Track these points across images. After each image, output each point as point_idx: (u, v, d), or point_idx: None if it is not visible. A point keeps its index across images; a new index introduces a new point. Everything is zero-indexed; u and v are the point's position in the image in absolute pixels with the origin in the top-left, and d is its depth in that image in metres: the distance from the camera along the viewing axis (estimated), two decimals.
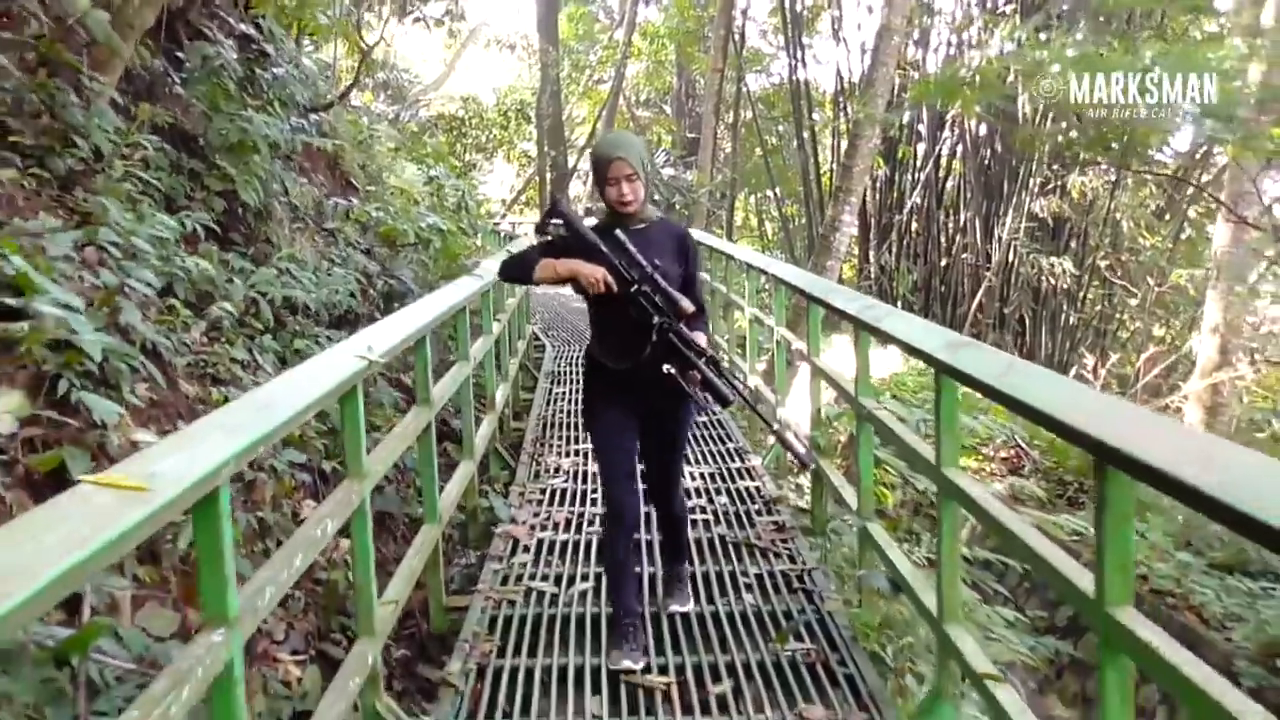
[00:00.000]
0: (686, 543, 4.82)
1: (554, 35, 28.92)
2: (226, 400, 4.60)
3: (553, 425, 8.31)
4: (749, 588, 4.87)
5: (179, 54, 7.18)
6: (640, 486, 4.42)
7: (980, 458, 10.73)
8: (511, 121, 29.92)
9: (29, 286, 3.61)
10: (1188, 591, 7.16)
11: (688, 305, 3.79)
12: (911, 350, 3.85)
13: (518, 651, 4.26)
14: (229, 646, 2.05)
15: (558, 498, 6.31)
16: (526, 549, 5.39)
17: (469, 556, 5.72)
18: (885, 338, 4.21)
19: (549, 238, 4.06)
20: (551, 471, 6.87)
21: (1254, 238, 13.49)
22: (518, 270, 4.12)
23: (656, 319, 3.81)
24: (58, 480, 3.28)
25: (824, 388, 5.97)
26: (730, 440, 7.83)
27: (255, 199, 6.72)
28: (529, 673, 4.06)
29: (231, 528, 2.03)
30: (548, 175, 28.50)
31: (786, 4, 24.31)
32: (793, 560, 5.19)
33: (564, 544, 5.49)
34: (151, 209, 5.43)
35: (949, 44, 22.97)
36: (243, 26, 8.13)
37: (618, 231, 3.88)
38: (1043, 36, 18.02)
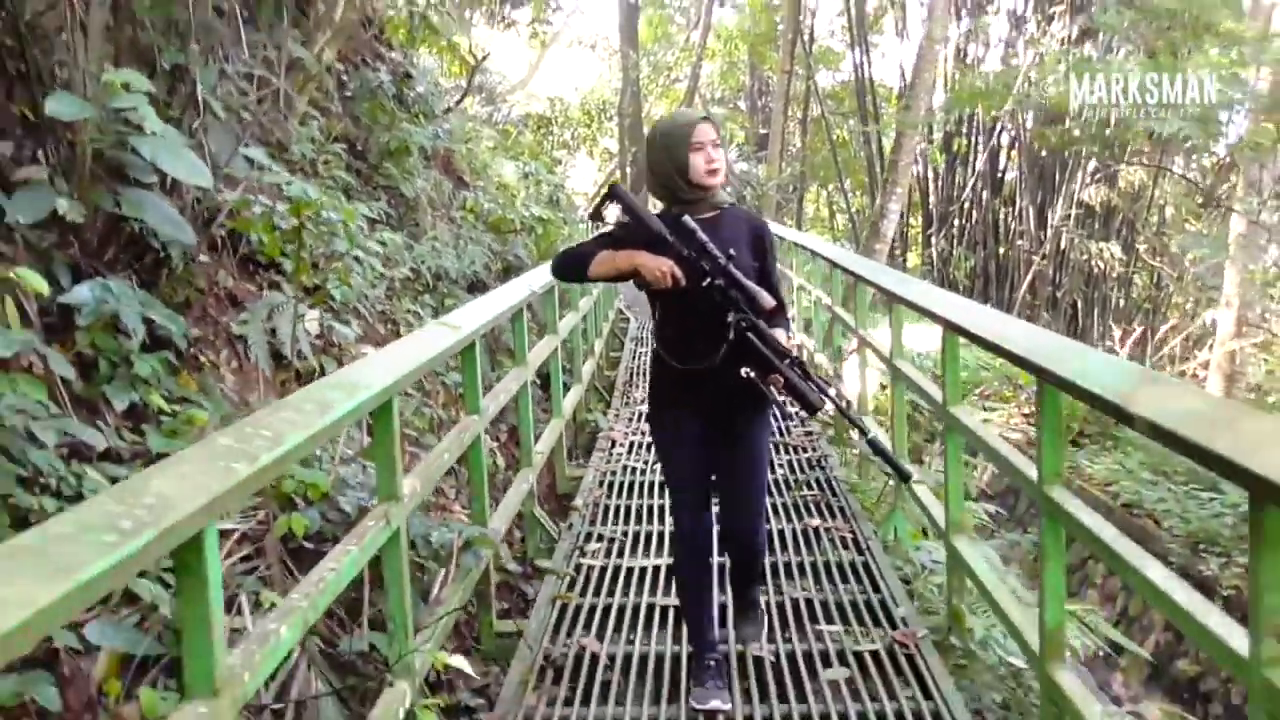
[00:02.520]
0: (760, 573, 4.11)
1: (634, 39, 30.91)
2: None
3: (637, 372, 10.34)
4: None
5: (344, 77, 9.22)
6: (714, 506, 3.83)
7: (1006, 411, 12.51)
8: (594, 120, 31.96)
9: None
10: (1149, 504, 8.92)
11: (768, 300, 3.33)
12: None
13: (617, 495, 6.26)
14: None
15: (642, 416, 8.34)
16: (621, 446, 7.38)
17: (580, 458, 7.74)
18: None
19: (605, 229, 3.67)
20: (637, 400, 8.90)
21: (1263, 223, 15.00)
22: (571, 266, 3.61)
23: (732, 316, 3.35)
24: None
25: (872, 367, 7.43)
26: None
27: (411, 192, 8.75)
28: (625, 508, 6.04)
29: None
30: (628, 170, 30.45)
31: (852, 5, 26.01)
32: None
33: (647, 443, 7.49)
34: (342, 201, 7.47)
35: (1006, 42, 24.56)
36: (392, 54, 10.18)
37: (686, 218, 3.40)
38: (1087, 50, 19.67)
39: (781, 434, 7.51)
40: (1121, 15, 14.04)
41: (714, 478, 3.74)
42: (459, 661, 3.40)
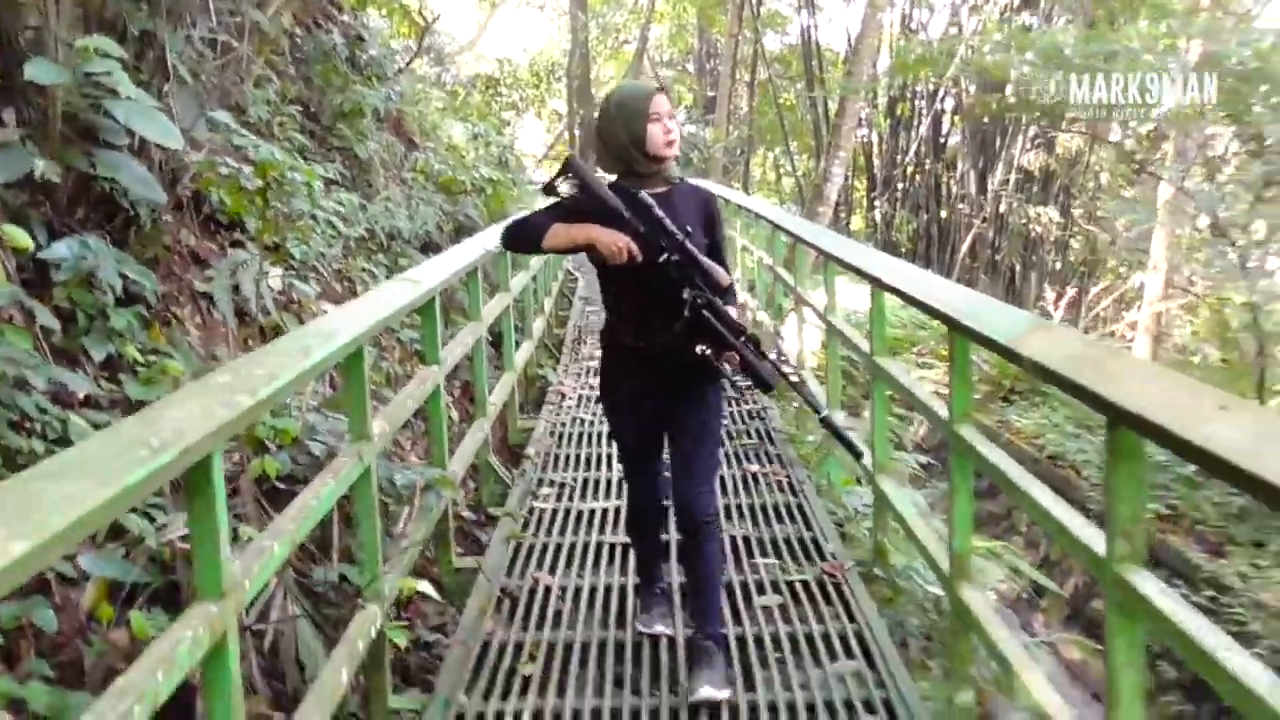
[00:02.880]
0: (719, 590, 3.80)
1: (583, 1, 30.93)
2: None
3: (587, 330, 10.64)
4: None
5: (297, 40, 9.36)
6: (664, 476, 3.81)
7: (940, 369, 12.92)
8: (543, 81, 32.02)
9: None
10: (1071, 456, 9.37)
11: (724, 277, 3.34)
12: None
13: (567, 445, 6.59)
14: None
15: (590, 371, 8.66)
16: (570, 399, 7.68)
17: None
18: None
19: (558, 199, 3.51)
20: (586, 356, 9.20)
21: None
22: (523, 237, 3.56)
23: (688, 293, 3.33)
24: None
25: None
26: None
27: (364, 153, 8.94)
28: (575, 456, 6.35)
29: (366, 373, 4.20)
30: (577, 133, 30.57)
31: None
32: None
33: (596, 397, 7.78)
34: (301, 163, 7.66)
35: (950, 8, 24.97)
36: (343, 16, 10.31)
37: (643, 193, 3.34)
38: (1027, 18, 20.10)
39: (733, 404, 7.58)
40: None
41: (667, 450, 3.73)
42: (425, 586, 3.70)
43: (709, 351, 3.35)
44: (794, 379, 3.64)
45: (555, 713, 3.40)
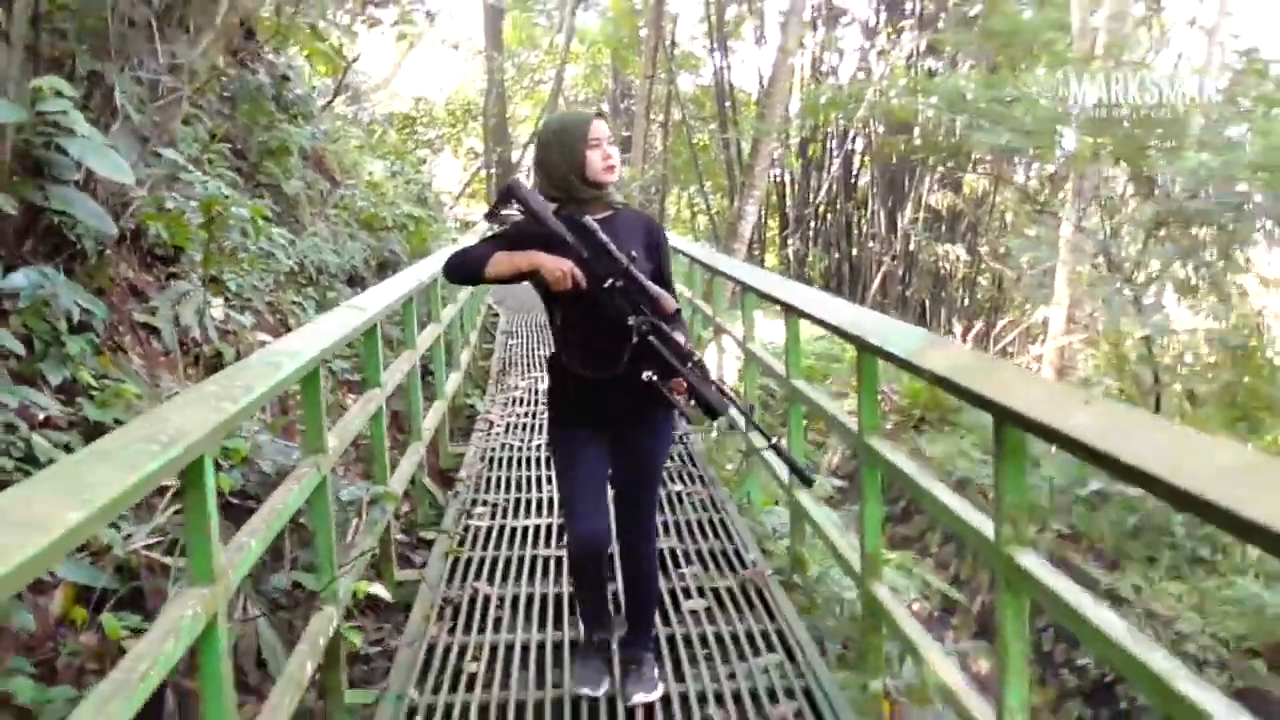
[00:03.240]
0: (654, 603, 3.93)
1: (499, 41, 31.33)
2: (289, 329, 7.06)
3: (510, 362, 10.90)
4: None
5: (224, 79, 9.55)
6: (608, 516, 3.68)
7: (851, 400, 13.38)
8: (459, 120, 32.30)
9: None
10: (979, 480, 9.80)
11: (670, 303, 3.30)
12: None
13: (498, 469, 6.82)
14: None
15: (517, 400, 8.94)
16: (498, 426, 7.93)
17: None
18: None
19: (499, 228, 3.51)
20: (511, 387, 9.47)
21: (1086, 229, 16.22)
22: (466, 267, 3.47)
23: (634, 319, 3.29)
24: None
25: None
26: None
27: (291, 190, 9.14)
28: (506, 479, 6.60)
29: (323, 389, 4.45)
30: (494, 170, 30.85)
31: (713, 12, 26.94)
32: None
33: (523, 424, 8.04)
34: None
35: (860, 52, 25.80)
36: (269, 56, 10.51)
37: (587, 218, 3.35)
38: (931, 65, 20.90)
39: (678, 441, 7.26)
40: (959, 34, 15.05)
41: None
42: (378, 589, 3.94)
43: (656, 378, 3.30)
44: (743, 406, 3.51)
45: (500, 704, 3.66)
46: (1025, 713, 2.52)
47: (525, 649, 4.11)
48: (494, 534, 5.51)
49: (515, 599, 4.61)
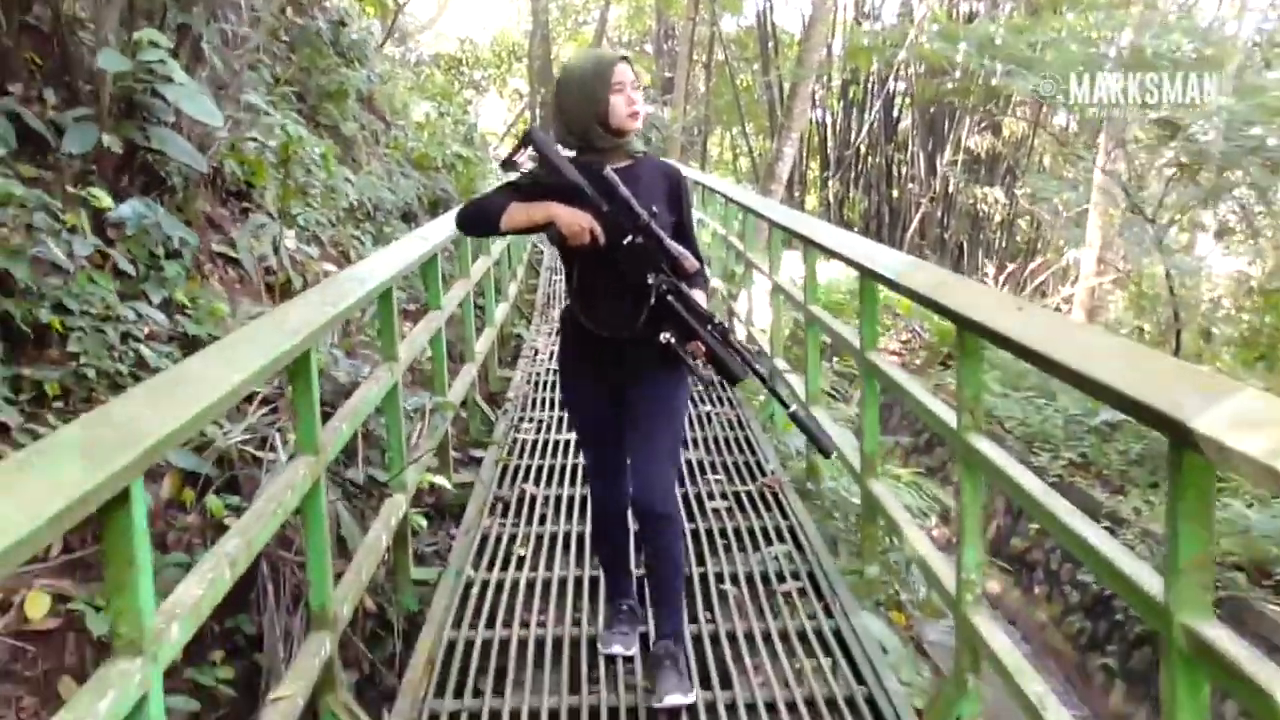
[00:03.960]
0: (680, 590, 3.63)
1: None
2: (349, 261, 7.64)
3: (555, 296, 11.51)
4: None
5: (285, 23, 10.08)
6: (628, 474, 3.57)
7: (885, 338, 13.86)
8: (504, 62, 32.70)
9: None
10: (999, 413, 10.29)
11: (692, 262, 3.17)
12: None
13: (542, 390, 7.43)
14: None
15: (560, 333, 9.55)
16: (543, 354, 8.52)
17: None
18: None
19: (516, 177, 3.35)
20: (555, 319, 10.07)
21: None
22: (480, 218, 3.39)
23: (653, 278, 3.17)
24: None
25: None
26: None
27: (349, 131, 9.69)
28: (549, 400, 7.19)
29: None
30: (538, 111, 31.27)
31: None
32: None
33: None
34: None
35: None
36: (326, 2, 11.03)
37: (608, 170, 3.18)
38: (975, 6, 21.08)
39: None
40: None
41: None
42: (439, 479, 4.53)
43: (674, 340, 3.18)
44: (763, 372, 3.29)
45: (545, 580, 4.26)
46: (979, 570, 3.06)
47: (567, 538, 4.71)
48: (539, 446, 6.10)
49: (558, 499, 5.20)
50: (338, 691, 3.04)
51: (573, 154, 3.32)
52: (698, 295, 3.25)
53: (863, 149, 26.34)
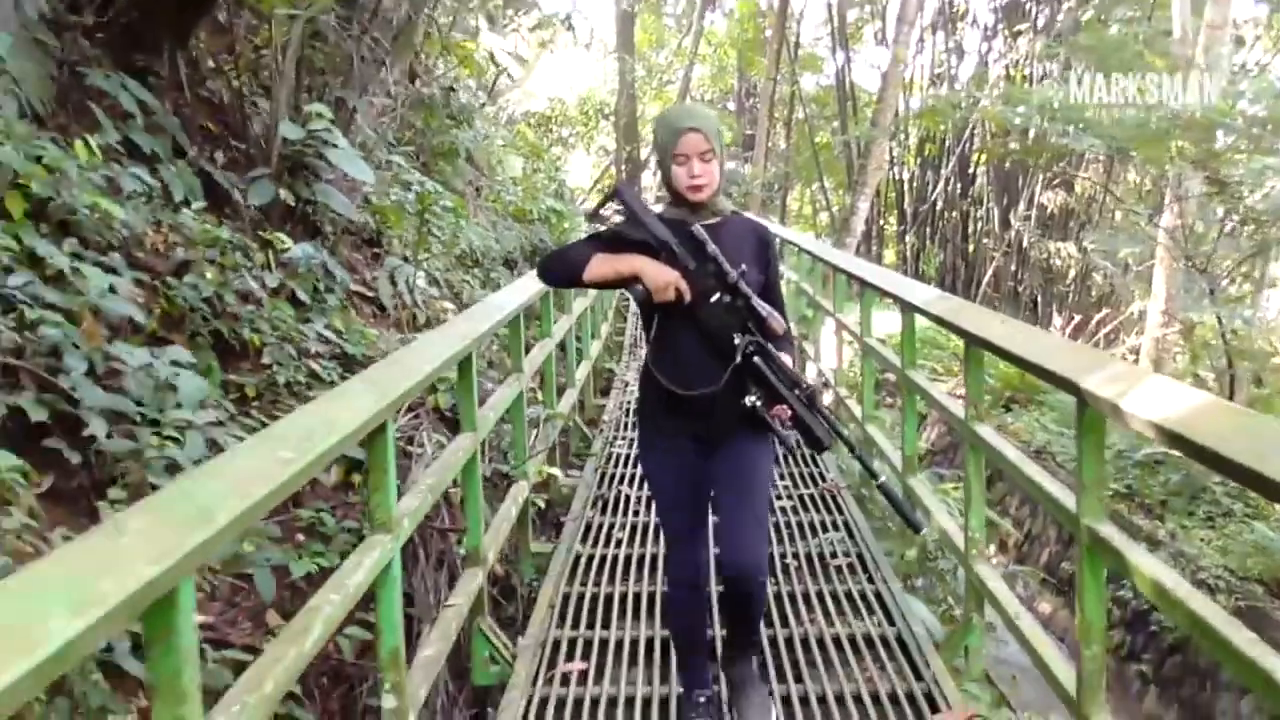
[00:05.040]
0: (759, 619, 3.59)
1: (630, 44, 33.02)
2: (460, 300, 8.69)
3: (639, 337, 12.55)
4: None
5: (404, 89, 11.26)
6: (709, 543, 3.60)
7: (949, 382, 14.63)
8: (591, 119, 34.07)
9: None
10: (1054, 449, 10.99)
11: (780, 323, 3.10)
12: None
13: (632, 415, 8.35)
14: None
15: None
16: (632, 385, 9.50)
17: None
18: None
19: (601, 229, 3.31)
20: (642, 356, 11.08)
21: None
22: (563, 269, 3.31)
23: (740, 338, 3.08)
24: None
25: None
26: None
27: (459, 186, 10.82)
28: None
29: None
30: (623, 168, 32.53)
31: (835, 14, 28.20)
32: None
33: None
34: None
35: (980, 53, 26.80)
36: (437, 69, 12.24)
37: (696, 226, 3.14)
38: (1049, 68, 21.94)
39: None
40: (1062, 45, 16.14)
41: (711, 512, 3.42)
42: (555, 470, 5.50)
43: (759, 403, 3.07)
44: (850, 440, 3.25)
45: (639, 556, 5.19)
46: (982, 531, 3.94)
47: (658, 528, 5.61)
48: (630, 458, 7.03)
49: (649, 498, 6.12)
50: (485, 614, 3.99)
51: (661, 209, 3.29)
52: (784, 357, 3.13)
53: (939, 204, 27.11)
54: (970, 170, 27.06)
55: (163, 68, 6.22)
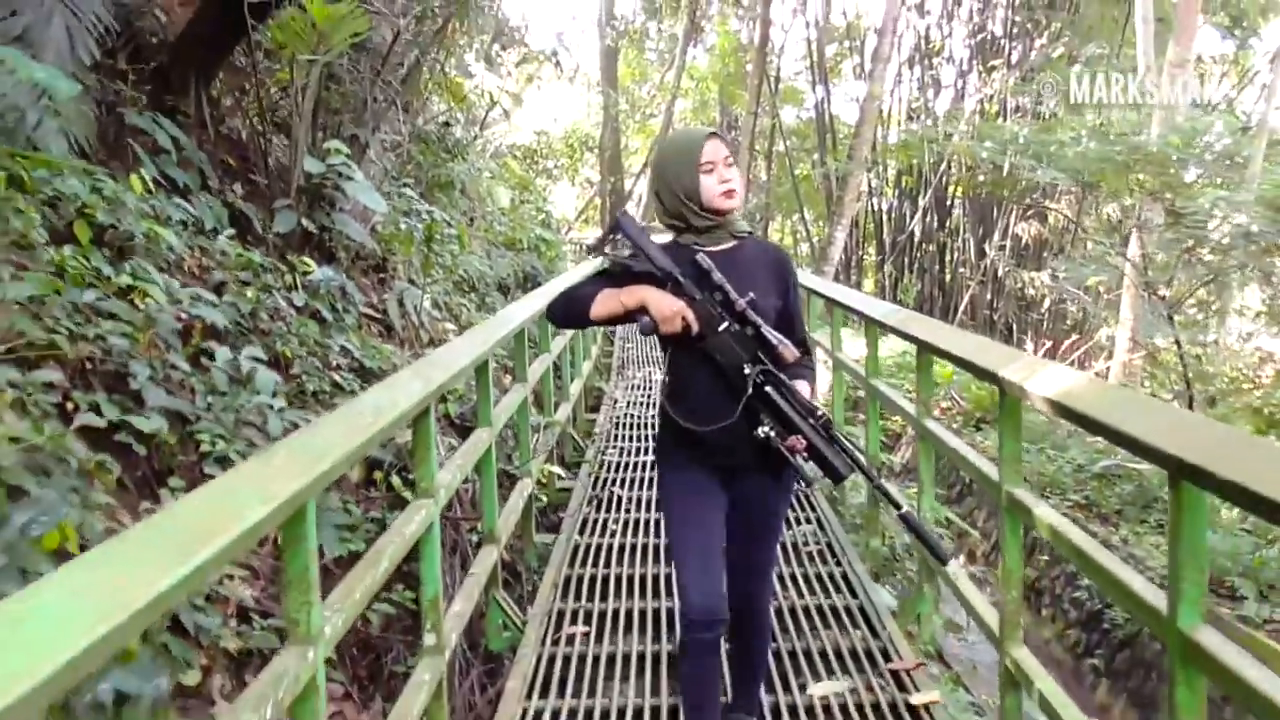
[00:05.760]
0: (764, 668, 3.74)
1: (613, 78, 33.85)
2: (459, 322, 9.27)
3: (628, 360, 13.17)
4: None
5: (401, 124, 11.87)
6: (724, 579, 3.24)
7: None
8: (575, 152, 34.80)
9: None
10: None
11: (791, 351, 2.97)
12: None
13: (622, 428, 8.97)
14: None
15: (634, 386, 11.20)
16: (621, 402, 10.11)
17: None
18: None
19: (604, 264, 3.27)
20: (630, 377, 11.71)
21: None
22: (569, 310, 3.26)
23: (750, 368, 2.99)
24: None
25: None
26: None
27: (455, 215, 11.42)
28: (628, 434, 8.71)
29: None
30: (608, 199, 33.25)
31: (813, 51, 29.01)
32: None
33: (640, 401, 10.20)
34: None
35: (956, 87, 27.61)
36: (431, 104, 12.87)
37: (701, 255, 3.06)
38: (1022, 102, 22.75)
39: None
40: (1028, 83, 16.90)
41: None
42: (556, 468, 6.07)
43: (773, 435, 2.96)
44: (869, 470, 3.12)
45: (632, 544, 5.77)
46: (933, 511, 4.53)
47: (649, 524, 6.21)
48: (622, 466, 7.63)
49: (641, 500, 6.71)
50: (499, 586, 4.56)
51: (669, 237, 3.22)
52: (801, 386, 3.03)
53: (916, 235, 27.83)
54: (948, 202, 27.81)
55: (189, 107, 6.80)
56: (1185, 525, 2.24)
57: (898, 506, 3.07)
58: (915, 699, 3.88)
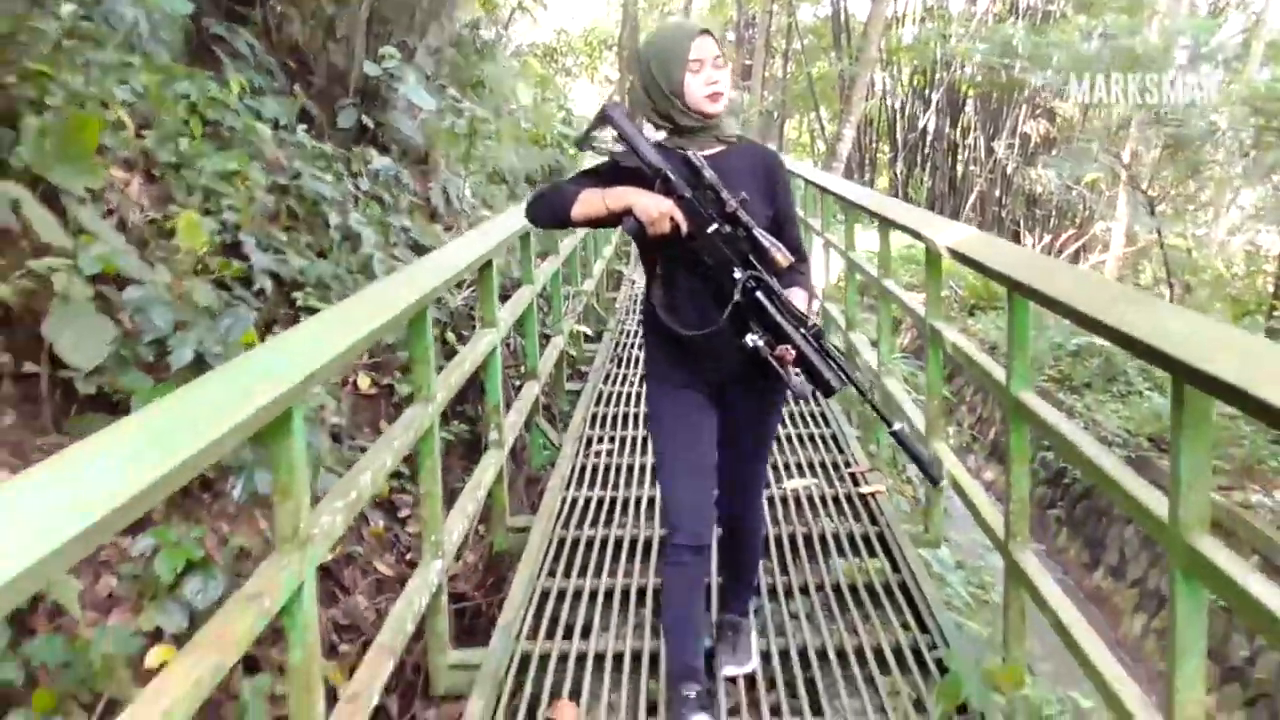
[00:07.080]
0: (756, 570, 3.69)
1: None
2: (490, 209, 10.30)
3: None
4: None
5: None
6: (714, 497, 3.23)
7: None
8: (595, 51, 35.39)
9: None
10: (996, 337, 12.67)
11: (784, 255, 2.81)
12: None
13: (638, 303, 10.02)
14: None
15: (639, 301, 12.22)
16: (639, 284, 11.16)
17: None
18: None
19: (594, 164, 3.10)
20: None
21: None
22: (547, 209, 3.06)
23: (740, 272, 2.85)
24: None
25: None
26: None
27: (485, 113, 12.35)
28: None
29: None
30: (625, 98, 33.88)
31: None
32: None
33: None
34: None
35: None
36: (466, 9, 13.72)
37: (691, 152, 2.90)
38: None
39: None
40: None
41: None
42: (585, 328, 7.14)
43: (761, 344, 2.85)
44: (861, 385, 2.97)
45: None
46: (941, 418, 5.10)
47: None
48: (637, 333, 8.65)
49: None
50: (539, 414, 5.65)
51: (660, 136, 3.08)
52: (796, 294, 2.96)
53: (929, 133, 28.50)
54: (959, 102, 28.42)
55: (255, 15, 7.75)
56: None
57: (890, 424, 2.98)
58: (864, 489, 4.99)
